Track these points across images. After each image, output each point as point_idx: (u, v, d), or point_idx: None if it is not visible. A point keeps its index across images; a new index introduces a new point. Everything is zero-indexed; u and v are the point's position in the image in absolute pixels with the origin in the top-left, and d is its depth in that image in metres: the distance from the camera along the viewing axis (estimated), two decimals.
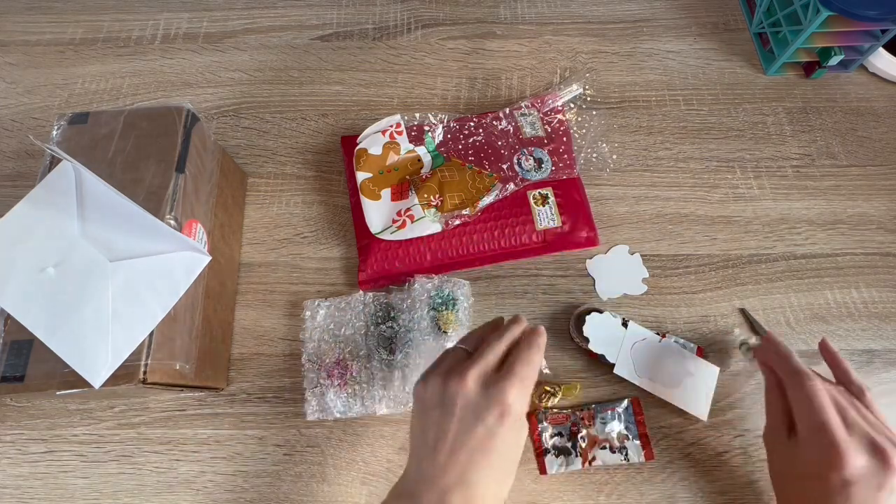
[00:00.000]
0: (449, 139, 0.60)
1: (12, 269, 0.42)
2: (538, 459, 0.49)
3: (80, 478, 0.49)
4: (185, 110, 0.49)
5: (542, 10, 0.73)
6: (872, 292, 0.55)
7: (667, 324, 0.54)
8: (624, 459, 0.48)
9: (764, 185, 0.61)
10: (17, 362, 0.40)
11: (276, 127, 0.65)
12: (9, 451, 0.50)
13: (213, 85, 0.68)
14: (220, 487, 0.49)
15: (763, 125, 0.64)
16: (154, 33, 0.71)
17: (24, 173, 0.62)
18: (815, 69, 0.65)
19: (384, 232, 0.55)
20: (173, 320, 0.43)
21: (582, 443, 0.49)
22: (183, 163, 0.47)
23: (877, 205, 0.59)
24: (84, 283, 0.41)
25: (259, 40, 0.71)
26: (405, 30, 0.71)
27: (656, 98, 0.66)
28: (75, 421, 0.51)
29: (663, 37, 0.70)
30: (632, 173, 0.61)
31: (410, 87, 0.67)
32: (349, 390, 0.51)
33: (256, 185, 0.62)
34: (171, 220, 0.44)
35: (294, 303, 0.55)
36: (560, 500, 0.48)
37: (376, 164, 0.58)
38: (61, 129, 0.49)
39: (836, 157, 0.62)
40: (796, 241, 0.58)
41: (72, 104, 0.66)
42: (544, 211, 0.57)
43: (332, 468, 0.50)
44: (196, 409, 0.52)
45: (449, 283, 0.54)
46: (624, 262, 0.57)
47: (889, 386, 0.51)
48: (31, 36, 0.72)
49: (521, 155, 0.59)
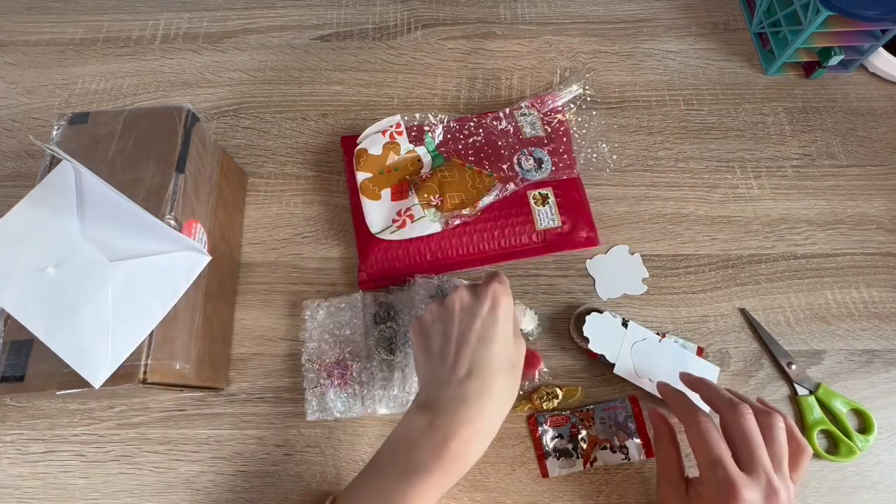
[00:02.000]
0: (449, 139, 0.60)
1: (12, 269, 0.42)
2: (539, 462, 0.49)
3: (80, 478, 0.49)
4: (185, 110, 0.49)
5: (542, 10, 0.73)
6: (872, 292, 0.55)
7: (667, 324, 0.54)
8: (625, 459, 0.48)
9: (764, 185, 0.61)
10: (17, 362, 0.40)
11: (276, 127, 0.65)
12: (9, 451, 0.50)
13: (213, 85, 0.68)
14: (220, 487, 0.49)
15: (763, 125, 0.64)
16: (154, 33, 0.71)
17: (24, 173, 0.62)
18: (815, 69, 0.65)
19: (384, 232, 0.55)
20: (173, 320, 0.43)
21: (583, 444, 0.49)
22: (183, 163, 0.47)
23: (877, 205, 0.59)
24: (84, 283, 0.41)
25: (259, 40, 0.71)
26: (405, 30, 0.71)
27: (656, 98, 0.66)
28: (75, 421, 0.51)
29: (663, 37, 0.70)
30: (632, 173, 0.61)
31: (410, 87, 0.67)
32: (349, 390, 0.50)
33: (256, 185, 0.62)
34: (171, 220, 0.44)
35: (294, 303, 0.55)
36: (560, 500, 0.48)
37: (376, 164, 0.58)
38: (61, 129, 0.49)
39: (836, 157, 0.62)
40: (796, 241, 0.58)
41: (72, 104, 0.66)
42: (544, 211, 0.57)
43: (333, 468, 0.50)
44: (196, 409, 0.52)
45: (449, 283, 0.54)
46: (624, 262, 0.57)
47: (889, 386, 0.51)
48: (31, 36, 0.72)
49: (521, 155, 0.59)
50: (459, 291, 0.44)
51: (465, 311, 0.43)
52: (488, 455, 0.49)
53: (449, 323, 0.42)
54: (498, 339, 0.41)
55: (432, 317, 0.44)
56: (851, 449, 0.49)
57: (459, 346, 0.41)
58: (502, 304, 0.43)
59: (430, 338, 0.43)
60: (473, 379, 0.39)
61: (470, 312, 0.42)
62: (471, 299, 0.43)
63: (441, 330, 0.43)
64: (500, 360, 0.41)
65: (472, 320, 0.42)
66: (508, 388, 0.41)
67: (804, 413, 0.50)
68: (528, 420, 0.50)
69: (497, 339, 0.41)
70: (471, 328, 0.41)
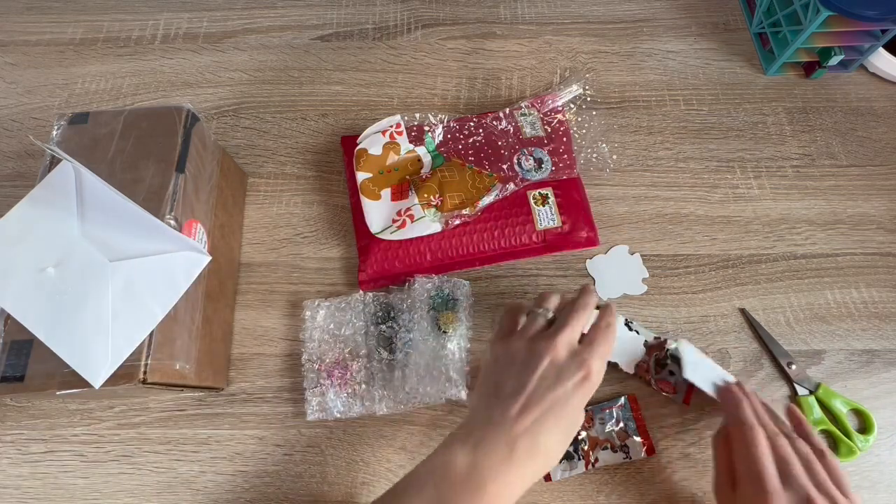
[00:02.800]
0: (449, 139, 0.60)
1: (12, 269, 0.42)
2: None
3: (80, 478, 0.49)
4: (185, 110, 0.49)
5: (542, 10, 0.73)
6: (872, 292, 0.55)
7: (667, 324, 0.54)
8: (626, 457, 0.48)
9: (764, 185, 0.61)
10: (17, 362, 0.40)
11: (276, 127, 0.65)
12: (9, 451, 0.50)
13: (213, 85, 0.68)
14: (220, 487, 0.49)
15: (763, 125, 0.64)
16: (154, 33, 0.71)
17: (24, 173, 0.62)
18: (815, 69, 0.65)
19: (384, 232, 0.55)
20: (173, 320, 0.43)
21: (583, 445, 0.49)
22: (183, 163, 0.47)
23: (877, 205, 0.59)
24: (84, 283, 0.41)
25: (259, 40, 0.71)
26: (405, 30, 0.71)
27: (656, 98, 0.66)
28: (75, 421, 0.51)
29: (663, 37, 0.70)
30: (632, 173, 0.61)
31: (410, 87, 0.67)
32: (349, 390, 0.50)
33: (256, 185, 0.62)
34: (171, 220, 0.44)
35: (294, 303, 0.55)
36: (560, 500, 0.48)
37: (376, 164, 0.58)
38: (61, 129, 0.49)
39: (836, 157, 0.62)
40: (796, 241, 0.58)
41: (72, 104, 0.66)
42: (544, 211, 0.57)
43: (333, 468, 0.50)
44: (196, 409, 0.52)
45: (449, 283, 0.54)
46: (624, 263, 0.57)
47: (889, 386, 0.51)
48: (31, 36, 0.72)
49: (521, 155, 0.59)
50: (557, 343, 0.40)
51: (553, 368, 0.39)
52: None
53: (529, 372, 0.39)
54: (567, 415, 0.38)
55: (514, 356, 0.40)
56: (851, 449, 0.49)
57: (530, 401, 0.38)
58: (594, 380, 0.39)
59: (504, 375, 0.40)
60: (529, 439, 0.37)
61: (558, 373, 0.39)
62: (566, 360, 0.39)
63: (517, 374, 0.39)
64: (560, 433, 0.38)
65: (556, 385, 0.38)
66: (559, 453, 0.38)
67: (804, 413, 0.50)
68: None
69: (566, 415, 0.38)
70: (548, 392, 0.38)
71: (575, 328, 0.41)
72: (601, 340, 0.41)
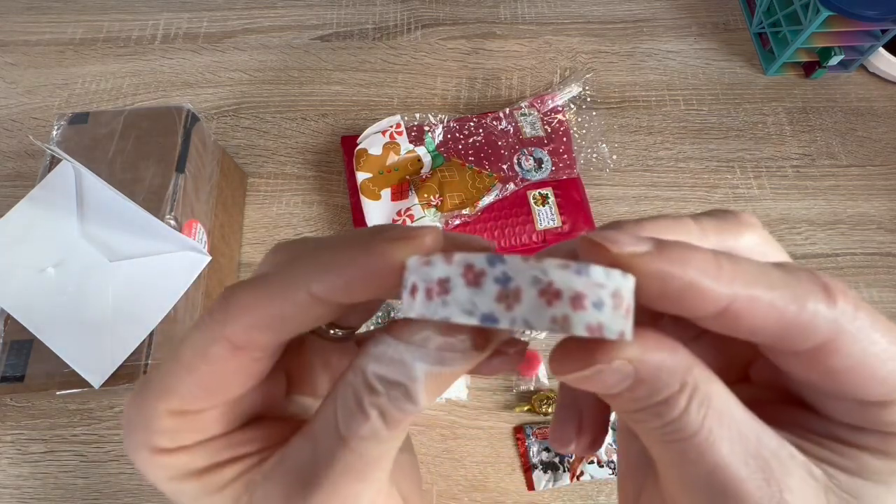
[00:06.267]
0: (449, 139, 0.60)
1: (12, 269, 0.42)
2: (526, 475, 0.48)
3: (80, 478, 0.49)
4: (185, 110, 0.49)
5: (542, 10, 0.73)
6: (872, 292, 0.55)
7: None
8: (612, 473, 0.48)
9: (764, 185, 0.61)
10: (17, 362, 0.40)
11: (276, 127, 0.65)
12: (9, 451, 0.50)
13: (213, 85, 0.68)
14: None
15: (763, 125, 0.64)
16: (154, 33, 0.71)
17: (24, 173, 0.62)
18: (815, 69, 0.65)
19: None
20: (173, 320, 0.43)
21: (570, 458, 0.49)
22: (183, 163, 0.47)
23: (877, 205, 0.59)
24: (84, 283, 0.41)
25: (259, 40, 0.71)
26: (405, 30, 0.71)
27: (656, 98, 0.66)
28: (75, 421, 0.51)
29: (663, 37, 0.70)
30: (632, 173, 0.61)
31: (410, 87, 0.67)
32: None
33: (256, 185, 0.62)
34: (171, 220, 0.44)
35: None
36: (560, 499, 0.48)
37: (376, 164, 0.58)
38: (61, 129, 0.49)
39: (836, 157, 0.62)
40: (796, 241, 0.58)
41: (72, 104, 0.66)
42: (544, 211, 0.57)
43: None
44: None
45: None
46: None
47: None
48: (31, 36, 0.72)
49: (521, 155, 0.59)
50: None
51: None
52: (488, 455, 0.49)
53: None
54: None
55: None
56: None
57: None
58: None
59: None
60: None
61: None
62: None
63: None
64: None
65: None
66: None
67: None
68: (514, 432, 0.50)
69: None
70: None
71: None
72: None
